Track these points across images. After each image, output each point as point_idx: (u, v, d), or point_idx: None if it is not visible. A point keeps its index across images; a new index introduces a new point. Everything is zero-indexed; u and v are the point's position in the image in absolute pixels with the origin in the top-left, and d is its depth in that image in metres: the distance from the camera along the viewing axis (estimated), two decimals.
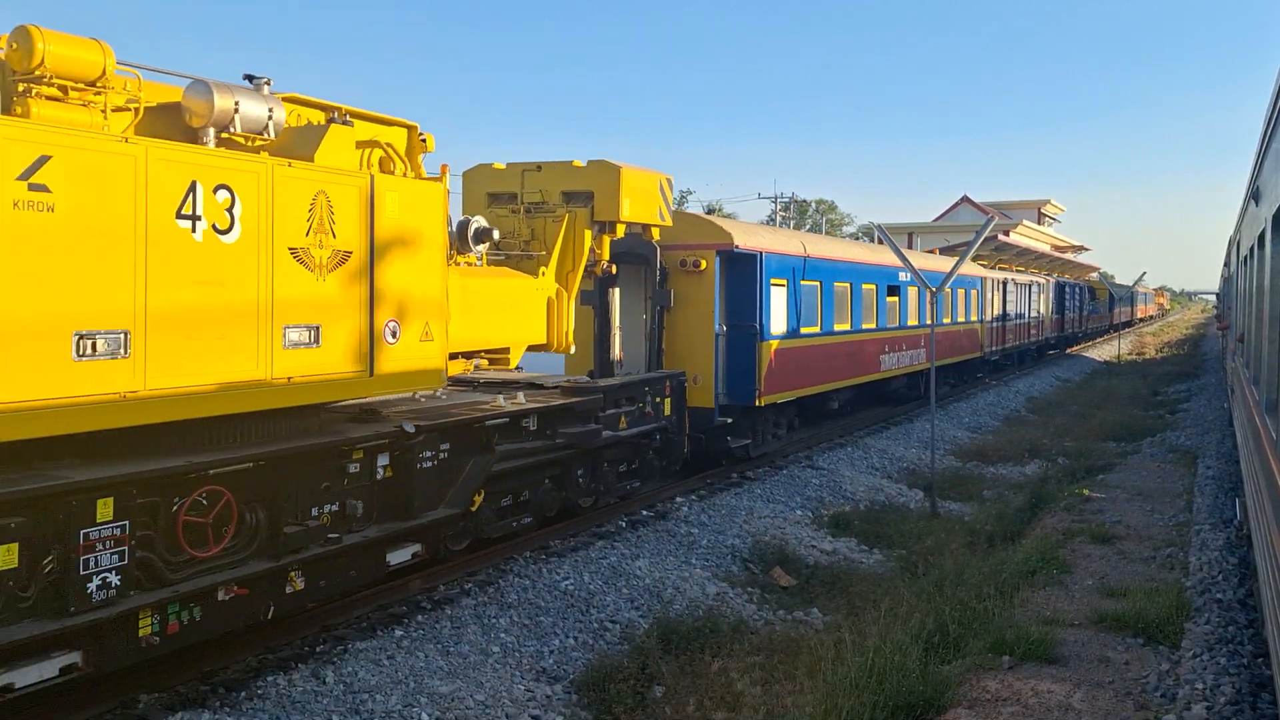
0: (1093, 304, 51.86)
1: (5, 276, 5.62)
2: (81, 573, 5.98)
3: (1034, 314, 36.91)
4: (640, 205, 11.83)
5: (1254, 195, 8.84)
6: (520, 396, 10.36)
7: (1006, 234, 49.99)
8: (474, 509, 9.41)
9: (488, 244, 10.25)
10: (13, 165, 5.64)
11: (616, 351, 13.09)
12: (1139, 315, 79.00)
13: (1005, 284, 31.89)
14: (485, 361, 10.25)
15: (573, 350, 11.47)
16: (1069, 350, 47.17)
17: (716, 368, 14.39)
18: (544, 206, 11.52)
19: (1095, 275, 65.23)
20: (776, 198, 61.53)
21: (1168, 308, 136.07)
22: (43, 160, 5.78)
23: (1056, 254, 57.97)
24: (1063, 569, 9.85)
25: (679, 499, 13.15)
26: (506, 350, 10.35)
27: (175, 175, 6.49)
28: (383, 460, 8.24)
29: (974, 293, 27.59)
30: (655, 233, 12.73)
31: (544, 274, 10.88)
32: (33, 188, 5.75)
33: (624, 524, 11.82)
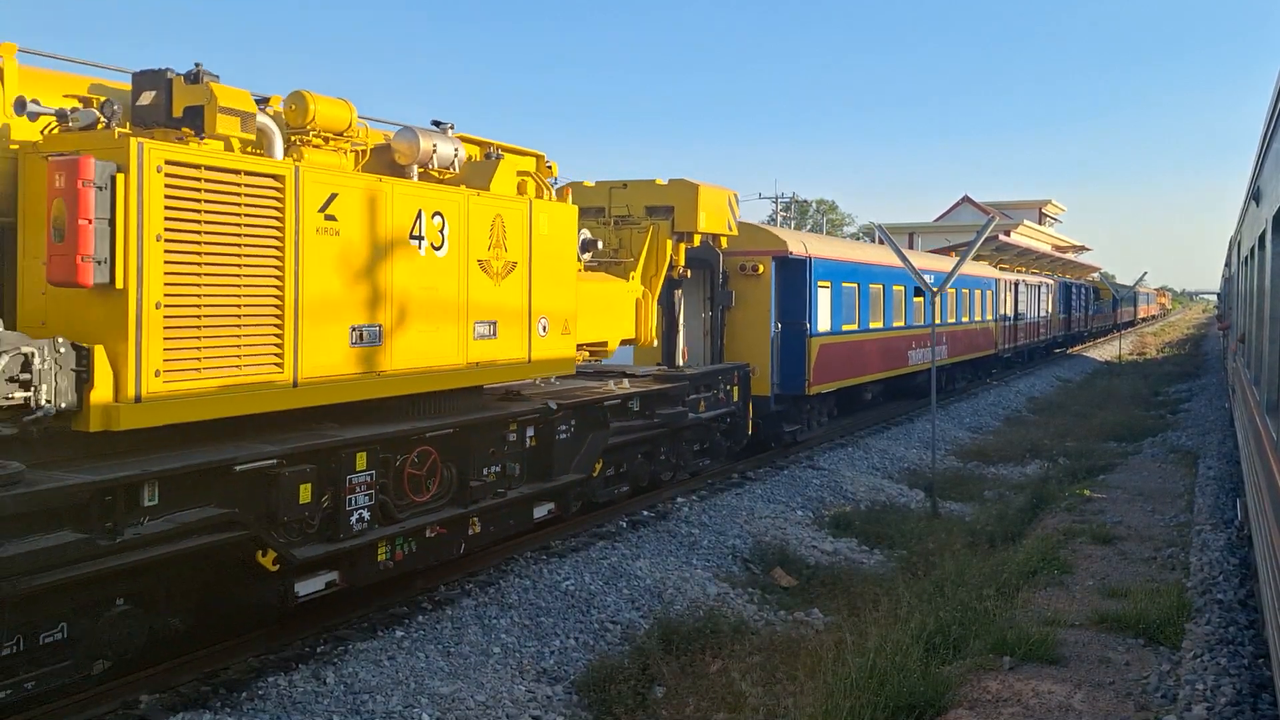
0: (1097, 304, 53.22)
1: (313, 285, 7.36)
2: (346, 509, 7.68)
3: (1043, 313, 38.35)
4: (713, 218, 13.53)
5: (1254, 196, 8.84)
6: (625, 383, 12.23)
7: (1007, 234, 49.97)
8: (594, 475, 11.11)
9: (591, 252, 11.81)
10: (316, 201, 7.38)
11: (681, 346, 14.30)
12: (1141, 315, 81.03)
13: (1017, 285, 33.37)
14: (587, 353, 11.65)
15: (656, 344, 13.25)
16: (1071, 350, 47.20)
17: (772, 361, 16.10)
18: (629, 219, 13.19)
19: (1096, 275, 65.25)
20: (777, 198, 61.56)
21: (1169, 308, 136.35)
22: (333, 197, 7.52)
23: (1057, 254, 57.96)
24: (1063, 569, 9.85)
25: (679, 499, 13.16)
26: (605, 344, 11.95)
27: (408, 205, 8.26)
28: (530, 432, 9.93)
29: (989, 293, 29.14)
30: (724, 241, 14.49)
31: (633, 278, 12.53)
32: (327, 218, 7.47)
33: (624, 524, 11.83)
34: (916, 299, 22.27)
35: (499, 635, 8.50)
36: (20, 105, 6.43)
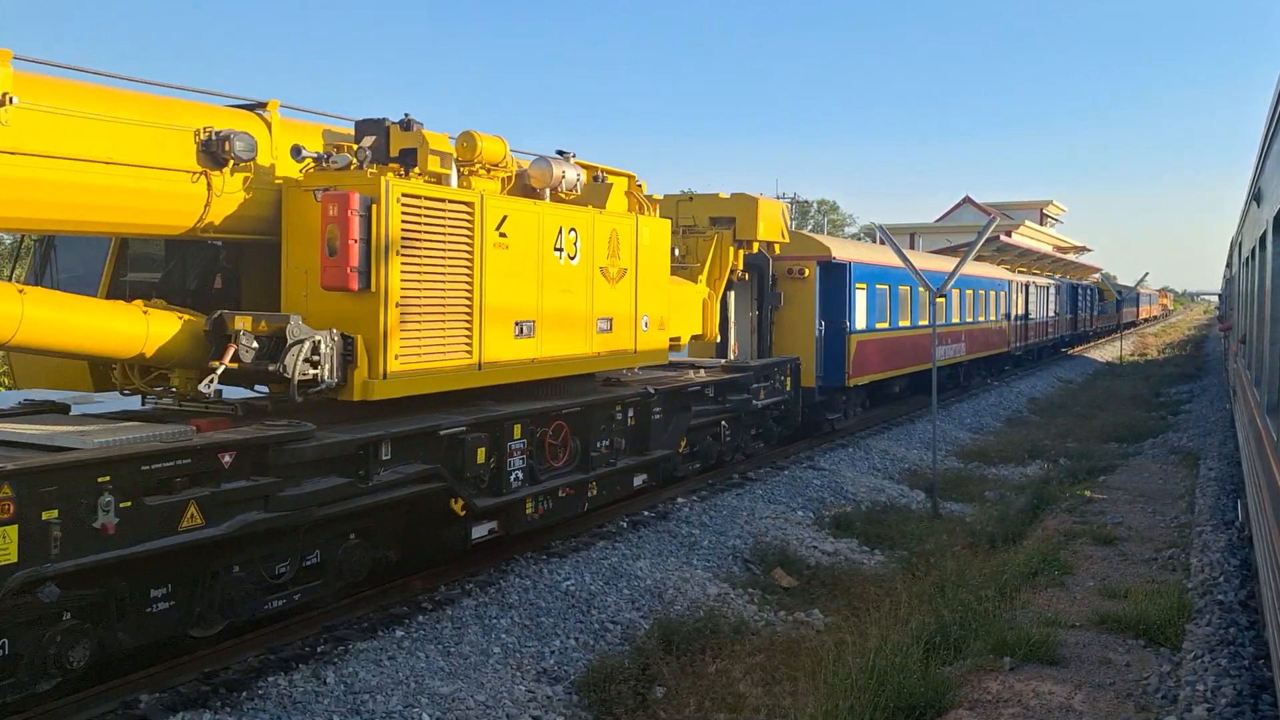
0: (1101, 304, 54.83)
1: (491, 289, 9.08)
2: (507, 469, 9.42)
3: (1052, 314, 40.06)
4: (769, 227, 15.10)
5: (1255, 197, 8.84)
6: (702, 372, 13.87)
7: (1008, 235, 49.97)
8: (679, 451, 12.81)
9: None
10: (493, 221, 9.09)
11: (733, 342, 15.61)
12: (1143, 315, 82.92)
13: (1028, 287, 35.07)
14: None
15: (719, 339, 14.75)
16: (1073, 350, 47.22)
17: (816, 355, 17.75)
18: (695, 229, 14.62)
19: (1097, 276, 65.29)
20: (778, 198, 61.51)
21: (1171, 308, 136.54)
22: (504, 218, 9.22)
23: (1058, 255, 57.94)
24: (1064, 570, 9.85)
25: (680, 499, 13.16)
26: (679, 338, 13.30)
27: (553, 223, 9.96)
28: (631, 412, 11.52)
29: (1002, 294, 30.78)
30: (777, 248, 15.99)
31: (700, 280, 14.05)
32: (500, 235, 9.15)
33: (625, 524, 11.83)
34: (939, 299, 22.82)
35: (499, 635, 8.50)
36: (296, 151, 8.07)
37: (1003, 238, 43.32)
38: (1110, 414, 24.15)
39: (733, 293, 15.29)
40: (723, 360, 14.92)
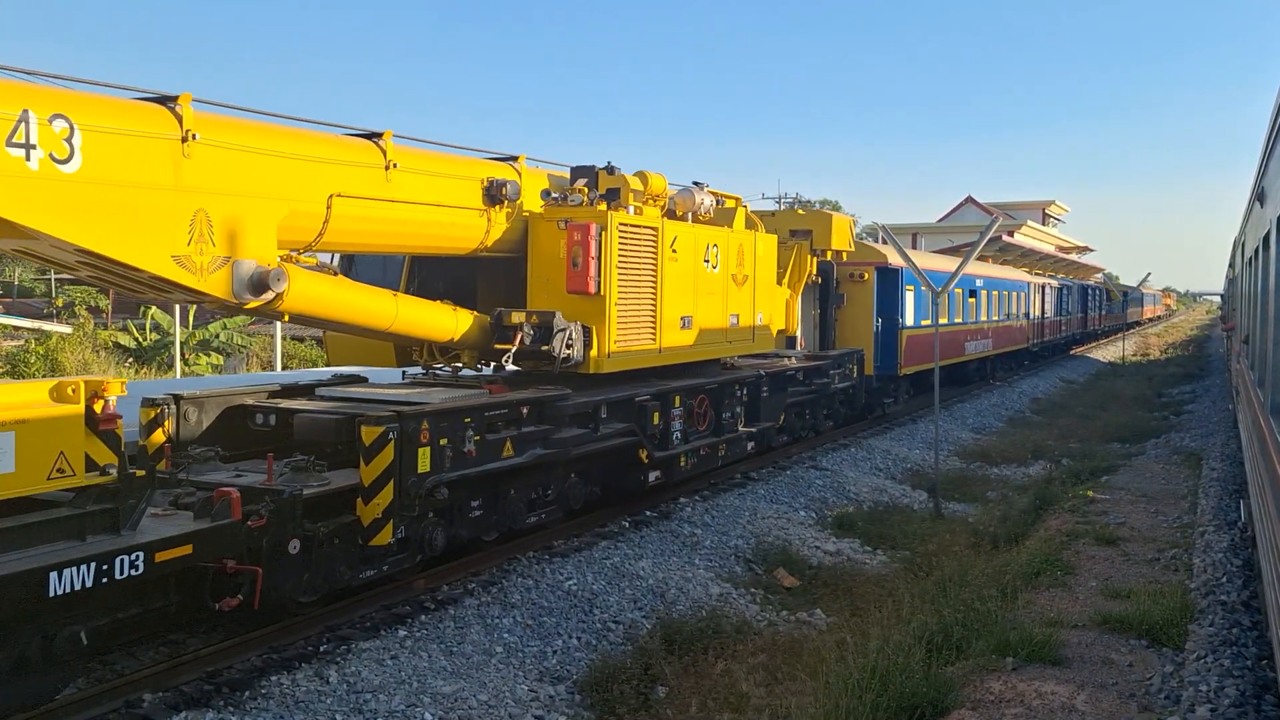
0: (1109, 304, 57.80)
1: (668, 292, 11.85)
2: (671, 431, 12.31)
3: (1065, 313, 43.21)
4: (840, 238, 17.69)
5: (1259, 196, 8.83)
6: (793, 359, 16.64)
7: (1011, 234, 49.90)
8: (779, 424, 15.63)
9: None
10: (669, 241, 11.81)
11: (799, 336, 17.81)
12: (1148, 315, 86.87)
13: (1044, 288, 38.05)
14: None
15: (797, 333, 17.31)
16: (1076, 350, 47.22)
17: (874, 347, 20.48)
18: (779, 240, 16.79)
19: (1100, 276, 65.26)
20: (780, 198, 61.44)
21: (1174, 308, 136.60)
22: (675, 238, 11.94)
23: (1061, 255, 57.88)
24: (1066, 570, 9.83)
25: (682, 499, 13.16)
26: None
27: (703, 241, 12.68)
28: (745, 390, 14.23)
29: (1023, 295, 33.95)
30: (845, 255, 18.55)
31: (784, 284, 16.28)
32: (673, 251, 11.90)
33: (627, 524, 11.83)
34: (970, 299, 27.24)
35: (501, 635, 8.50)
36: (545, 194, 10.98)
37: (1005, 238, 43.30)
38: (1113, 414, 24.13)
39: (799, 294, 17.55)
40: (804, 350, 17.78)
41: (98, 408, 6.40)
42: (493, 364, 11.07)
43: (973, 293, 27.48)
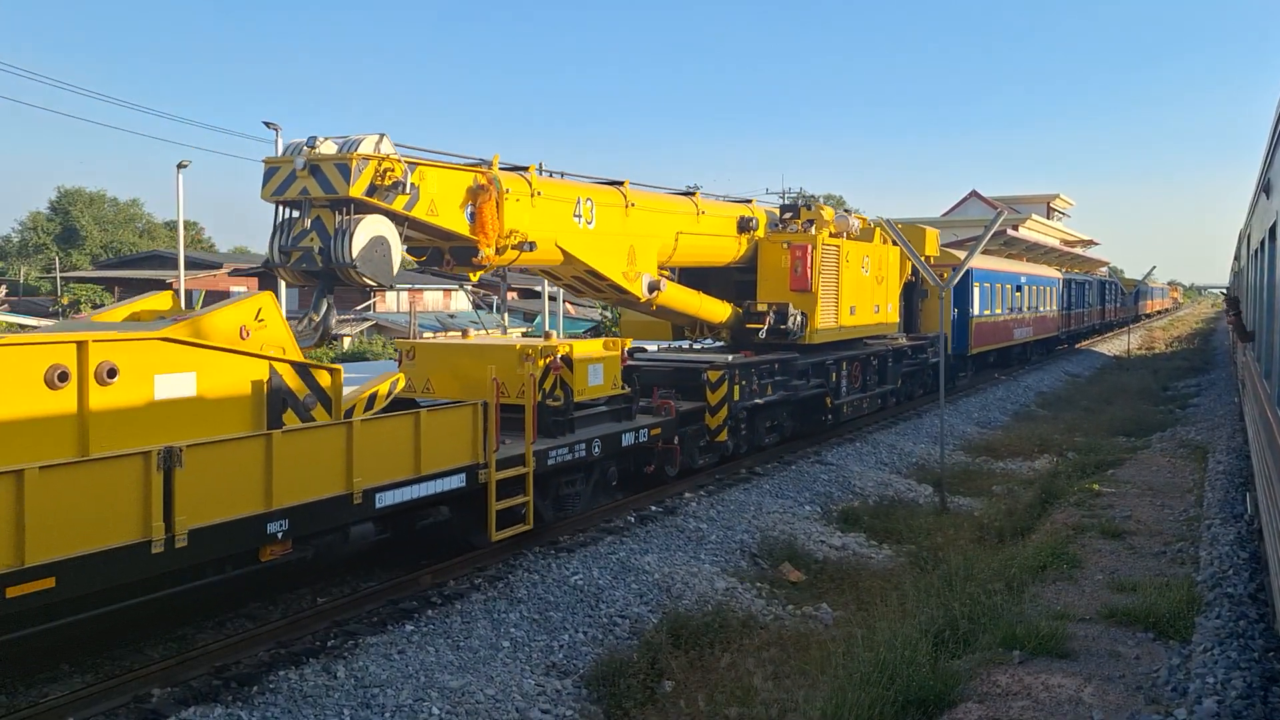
0: (1122, 298, 62.95)
1: (844, 289, 17.19)
2: (840, 386, 17.93)
3: (1087, 305, 48.56)
4: (931, 247, 22.26)
5: (1265, 188, 8.81)
6: (903, 339, 21.43)
7: (1015, 229, 49.80)
8: (896, 388, 20.96)
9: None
10: (846, 255, 17.26)
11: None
12: (1158, 307, 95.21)
13: (1069, 283, 43.01)
14: None
15: (897, 323, 21.08)
16: (1080, 346, 47.15)
17: (951, 333, 24.99)
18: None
19: (1105, 270, 65.19)
20: (784, 193, 61.36)
21: (1181, 301, 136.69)
22: (848, 253, 17.33)
23: (1066, 249, 57.78)
24: (1073, 564, 9.82)
25: (688, 494, 13.17)
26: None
27: (861, 253, 17.90)
28: (876, 360, 19.66)
29: (1053, 289, 39.29)
30: (931, 260, 22.06)
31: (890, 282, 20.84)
32: (847, 260, 17.22)
33: (633, 519, 11.84)
34: (1017, 293, 32.83)
35: (508, 629, 8.52)
36: (772, 224, 16.64)
37: (1010, 231, 43.24)
38: (1118, 408, 24.09)
39: None
40: (904, 335, 21.93)
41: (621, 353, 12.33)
42: (730, 337, 16.34)
43: (1018, 288, 33.11)
